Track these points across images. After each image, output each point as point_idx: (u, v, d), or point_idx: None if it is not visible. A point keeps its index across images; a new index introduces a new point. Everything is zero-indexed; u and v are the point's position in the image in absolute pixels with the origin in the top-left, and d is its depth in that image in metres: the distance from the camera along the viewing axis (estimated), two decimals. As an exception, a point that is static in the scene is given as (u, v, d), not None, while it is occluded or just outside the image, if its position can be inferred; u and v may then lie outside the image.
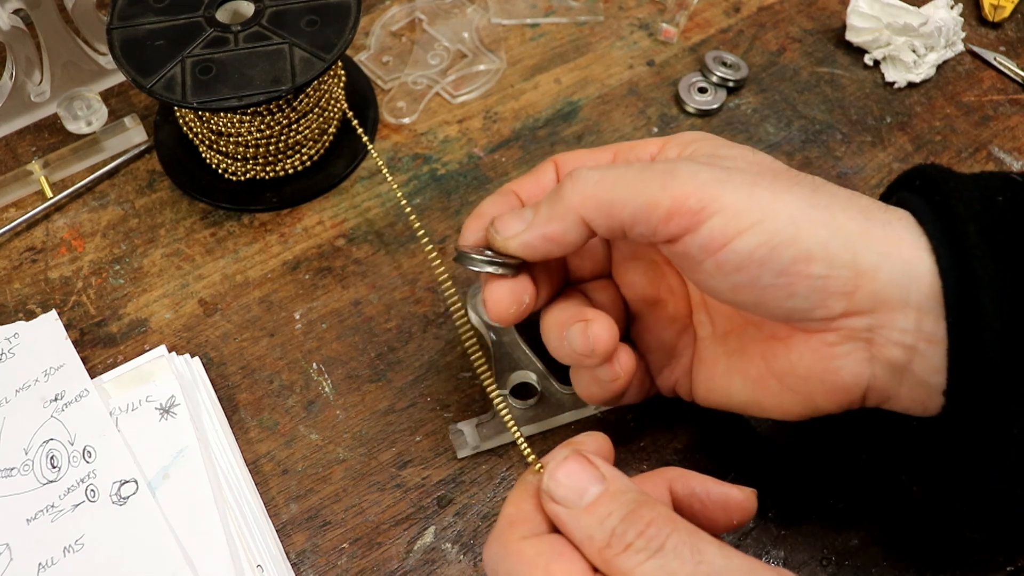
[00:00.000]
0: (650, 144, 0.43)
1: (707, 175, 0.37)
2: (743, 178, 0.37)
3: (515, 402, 0.49)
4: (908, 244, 0.37)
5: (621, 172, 0.39)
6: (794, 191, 0.37)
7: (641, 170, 0.38)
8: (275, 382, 0.52)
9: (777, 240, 0.36)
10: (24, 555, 0.45)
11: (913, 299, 0.36)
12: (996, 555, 0.46)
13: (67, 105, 0.60)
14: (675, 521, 0.32)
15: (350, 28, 0.53)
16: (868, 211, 0.37)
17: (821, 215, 0.37)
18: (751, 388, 0.42)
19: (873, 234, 0.37)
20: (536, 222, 0.40)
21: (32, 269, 0.56)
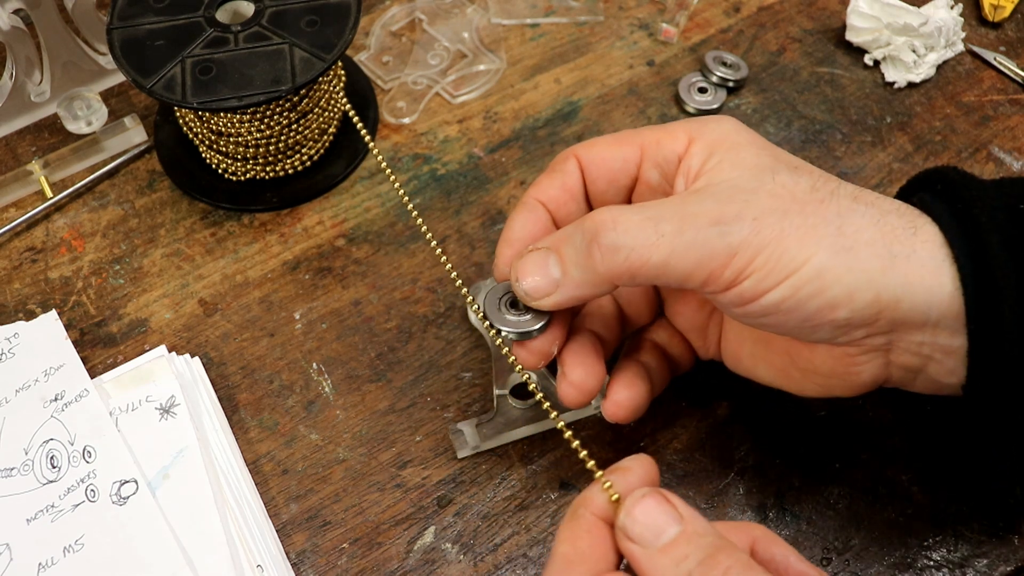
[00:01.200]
0: (677, 141, 0.42)
1: (738, 237, 0.37)
2: (772, 229, 0.38)
3: (515, 402, 0.49)
4: (931, 271, 0.37)
5: (653, 243, 0.38)
6: (819, 232, 0.38)
7: (673, 239, 0.38)
8: (275, 382, 0.52)
9: (803, 293, 0.37)
10: (24, 555, 0.45)
11: (932, 318, 0.37)
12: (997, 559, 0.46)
13: (67, 105, 0.60)
14: (753, 569, 0.32)
15: (350, 28, 0.53)
16: (892, 241, 0.38)
17: (845, 260, 0.37)
18: (774, 373, 0.44)
19: (897, 268, 0.37)
20: (566, 285, 0.40)
21: (32, 269, 0.56)
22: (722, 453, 0.49)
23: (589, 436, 0.50)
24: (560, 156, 0.45)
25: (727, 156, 0.41)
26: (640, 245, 0.38)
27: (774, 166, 0.40)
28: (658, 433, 0.50)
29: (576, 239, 0.40)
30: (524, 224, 0.43)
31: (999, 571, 0.45)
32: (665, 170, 0.42)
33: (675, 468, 0.49)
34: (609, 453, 0.49)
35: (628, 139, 0.44)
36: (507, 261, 0.43)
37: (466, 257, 0.56)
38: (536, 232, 0.43)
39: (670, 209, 0.39)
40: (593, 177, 0.44)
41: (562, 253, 0.40)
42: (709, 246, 0.38)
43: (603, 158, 0.44)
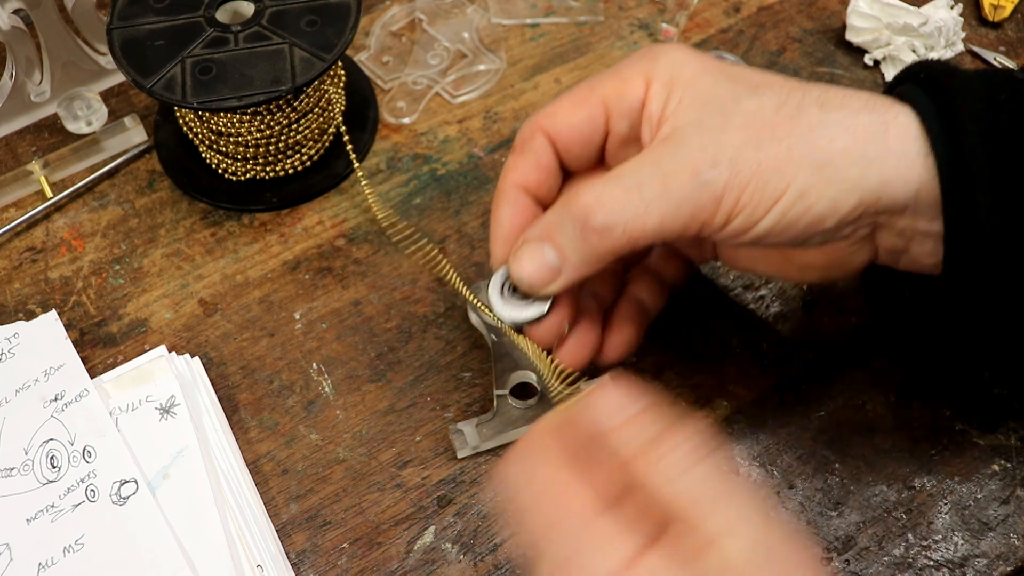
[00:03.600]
0: (636, 87, 0.42)
1: (720, 183, 0.39)
2: (749, 164, 0.38)
3: (515, 402, 0.49)
4: (906, 166, 0.39)
5: (643, 212, 0.39)
6: (795, 155, 0.39)
7: (661, 203, 0.39)
8: (275, 382, 0.52)
9: (791, 216, 0.39)
10: (24, 555, 0.45)
11: (911, 206, 0.40)
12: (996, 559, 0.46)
13: (67, 105, 0.60)
14: (711, 446, 0.33)
15: (350, 28, 0.53)
16: (866, 143, 0.39)
17: (825, 175, 0.39)
18: (773, 270, 0.47)
19: (873, 169, 0.39)
20: (567, 271, 0.41)
21: (32, 269, 0.56)
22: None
23: (589, 436, 0.50)
24: (525, 132, 0.44)
25: (686, 93, 0.41)
26: (631, 218, 0.39)
27: (734, 92, 0.40)
28: (658, 433, 0.50)
29: (567, 227, 0.40)
30: (511, 215, 0.44)
31: (999, 571, 0.45)
32: (631, 119, 0.43)
33: (675, 468, 0.49)
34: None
35: (588, 97, 0.43)
36: (502, 257, 0.44)
37: (466, 257, 0.56)
38: (524, 220, 0.44)
39: (648, 170, 0.39)
40: (564, 147, 0.44)
41: (556, 241, 0.41)
42: (695, 199, 0.39)
43: (570, 126, 0.43)
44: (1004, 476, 0.48)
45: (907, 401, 0.50)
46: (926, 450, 0.49)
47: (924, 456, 0.49)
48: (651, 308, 0.48)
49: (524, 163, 0.44)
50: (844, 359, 0.52)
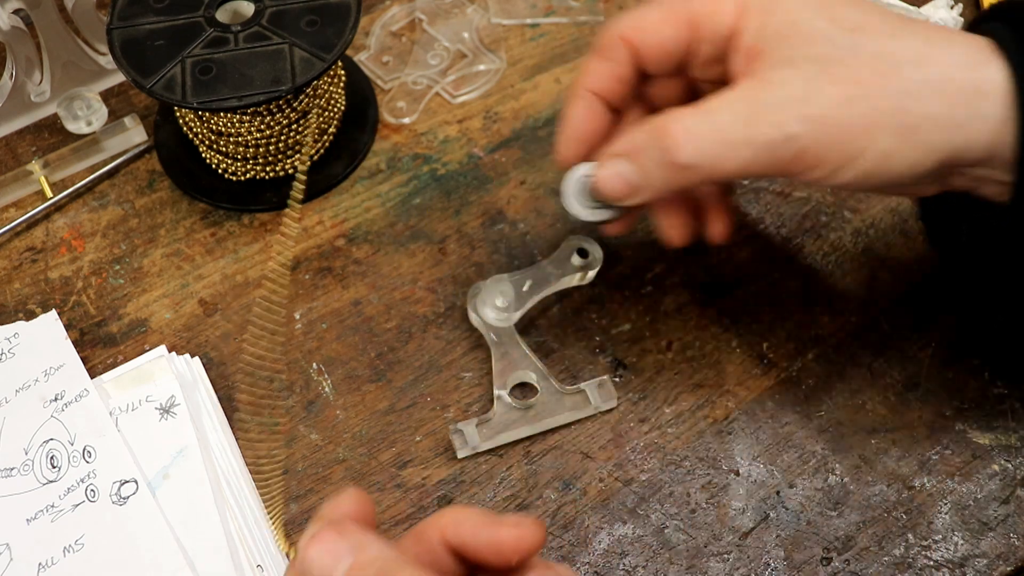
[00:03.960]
0: (726, 13, 0.42)
1: (806, 139, 0.39)
2: (835, 125, 0.39)
3: (515, 402, 0.49)
4: (992, 128, 0.39)
5: (726, 157, 0.40)
6: (884, 119, 0.39)
7: (744, 152, 0.40)
8: (274, 382, 0.52)
9: (871, 174, 0.40)
10: (24, 555, 0.45)
11: (987, 161, 0.40)
12: (997, 559, 0.46)
13: (67, 105, 0.60)
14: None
15: (350, 28, 0.53)
16: (955, 108, 0.39)
17: (910, 139, 0.39)
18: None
19: (960, 132, 0.39)
20: (647, 190, 0.43)
21: (32, 269, 0.56)
22: (723, 452, 0.49)
23: (588, 436, 0.50)
24: (607, 37, 0.44)
25: (782, 26, 0.41)
26: (714, 160, 0.40)
27: (832, 34, 0.40)
28: (655, 432, 0.50)
29: (653, 153, 0.41)
30: (583, 119, 0.45)
31: (999, 571, 0.45)
32: (719, 43, 0.42)
33: (679, 465, 0.49)
34: (607, 453, 0.49)
35: (677, 13, 0.43)
36: (566, 155, 0.46)
37: (466, 257, 0.56)
38: (594, 125, 0.45)
39: (735, 112, 0.40)
40: (645, 57, 0.44)
41: (641, 163, 0.42)
42: (778, 150, 0.40)
43: (655, 39, 0.43)
44: (1004, 476, 0.48)
45: (907, 401, 0.50)
46: (926, 450, 0.49)
47: (924, 456, 0.49)
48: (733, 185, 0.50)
49: (603, 70, 0.44)
50: (844, 359, 0.52)
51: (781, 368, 0.51)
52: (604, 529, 0.47)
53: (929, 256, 0.55)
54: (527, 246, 0.56)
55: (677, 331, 0.53)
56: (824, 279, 0.54)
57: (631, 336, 0.53)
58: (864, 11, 0.41)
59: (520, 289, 0.52)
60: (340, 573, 0.32)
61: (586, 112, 0.45)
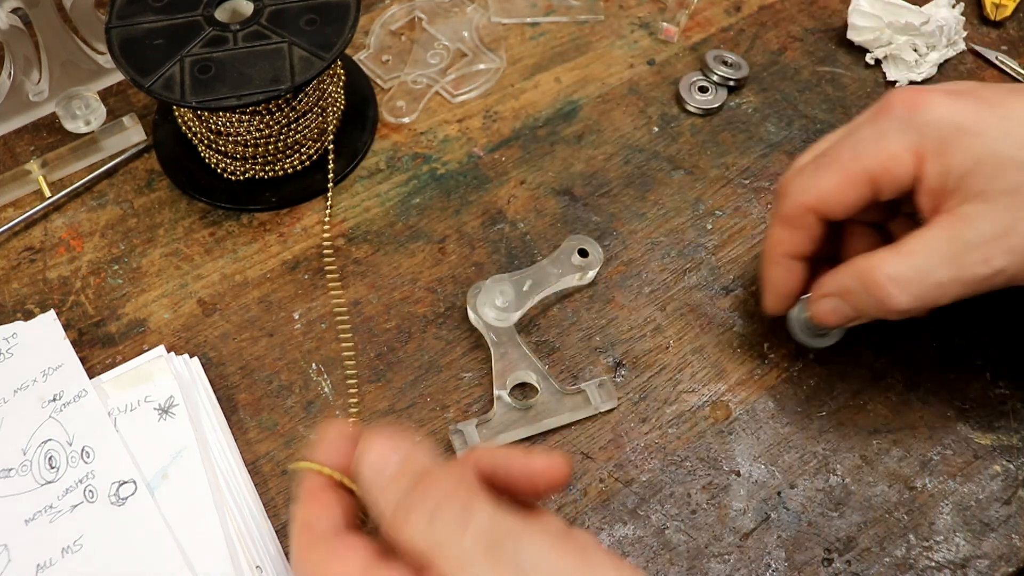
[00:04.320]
0: (904, 165, 0.43)
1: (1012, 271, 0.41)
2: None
3: (515, 402, 0.49)
4: None
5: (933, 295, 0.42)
6: None
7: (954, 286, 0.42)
8: (274, 382, 0.51)
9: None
10: (22, 556, 0.45)
11: None
12: (998, 560, 0.45)
13: (65, 104, 0.60)
14: (454, 487, 0.33)
15: (349, 27, 0.53)
16: None
17: None
18: None
19: None
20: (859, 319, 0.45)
21: (30, 269, 0.56)
22: (724, 453, 0.49)
23: (588, 437, 0.49)
24: (793, 208, 0.46)
25: (965, 161, 0.41)
26: (926, 302, 0.42)
27: (1013, 153, 0.40)
28: (656, 432, 0.49)
29: (862, 295, 0.43)
30: (784, 281, 0.48)
31: (1000, 571, 0.45)
32: (902, 191, 0.43)
33: (680, 465, 0.48)
34: (608, 453, 0.49)
35: (854, 175, 0.44)
36: (776, 308, 0.49)
37: (466, 257, 0.56)
38: (796, 281, 0.48)
39: (941, 258, 0.41)
40: (832, 215, 0.45)
41: (852, 302, 0.44)
42: (988, 284, 0.41)
43: (839, 206, 0.45)
44: (1006, 477, 0.48)
45: (908, 401, 0.50)
46: (927, 450, 0.49)
47: (925, 456, 0.48)
48: None
49: (796, 238, 0.47)
50: (845, 359, 0.51)
51: (782, 368, 0.51)
52: (604, 530, 0.47)
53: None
54: (527, 246, 0.56)
55: (678, 331, 0.53)
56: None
57: (631, 336, 0.53)
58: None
59: (520, 289, 0.52)
60: (388, 475, 0.34)
61: (786, 274, 0.48)
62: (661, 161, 0.60)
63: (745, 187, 0.58)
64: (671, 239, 0.56)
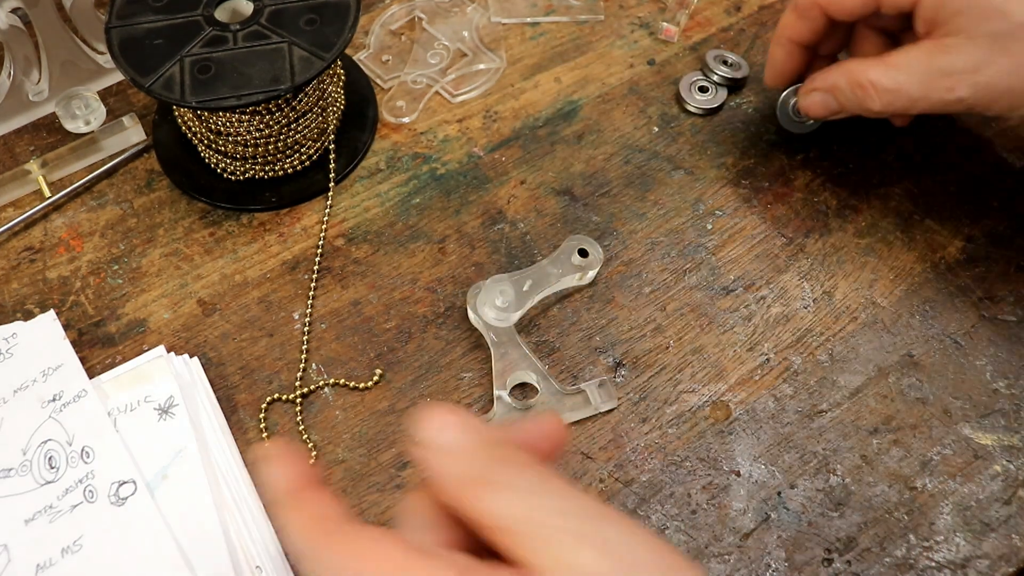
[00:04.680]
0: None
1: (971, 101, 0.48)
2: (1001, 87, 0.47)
3: (515, 402, 0.49)
4: None
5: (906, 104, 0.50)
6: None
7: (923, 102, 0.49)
8: (274, 382, 0.51)
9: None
10: (22, 556, 0.45)
11: None
12: (998, 560, 0.45)
13: (65, 104, 0.60)
14: (530, 462, 0.32)
15: (349, 27, 0.53)
16: None
17: None
18: None
19: None
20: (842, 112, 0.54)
21: (30, 269, 0.56)
22: (724, 453, 0.49)
23: (588, 437, 0.49)
24: (805, 3, 0.54)
25: (959, 4, 0.48)
26: (896, 108, 0.50)
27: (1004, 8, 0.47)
28: (656, 432, 0.49)
29: (848, 94, 0.51)
30: (784, 61, 0.56)
31: (1001, 572, 0.45)
32: (901, 10, 0.50)
33: (680, 466, 0.48)
34: (608, 453, 0.49)
35: None
36: (773, 85, 0.58)
37: (466, 257, 0.56)
38: (795, 64, 0.56)
39: (917, 77, 0.48)
40: (836, 15, 0.53)
41: (839, 98, 0.52)
42: (950, 108, 0.48)
43: (843, 9, 0.53)
44: (1006, 477, 0.48)
45: (908, 401, 0.50)
46: (928, 450, 0.49)
47: (926, 456, 0.48)
48: None
49: (800, 25, 0.55)
50: (846, 358, 0.51)
51: (782, 368, 0.51)
52: (604, 530, 0.47)
53: (931, 256, 0.55)
54: (527, 246, 0.56)
55: (678, 331, 0.53)
56: (826, 279, 0.54)
57: (631, 336, 0.53)
58: None
59: (520, 289, 0.52)
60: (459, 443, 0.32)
61: (787, 56, 0.56)
62: (661, 161, 0.60)
63: (745, 187, 0.58)
64: (671, 239, 0.56)
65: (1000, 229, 0.56)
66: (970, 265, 0.55)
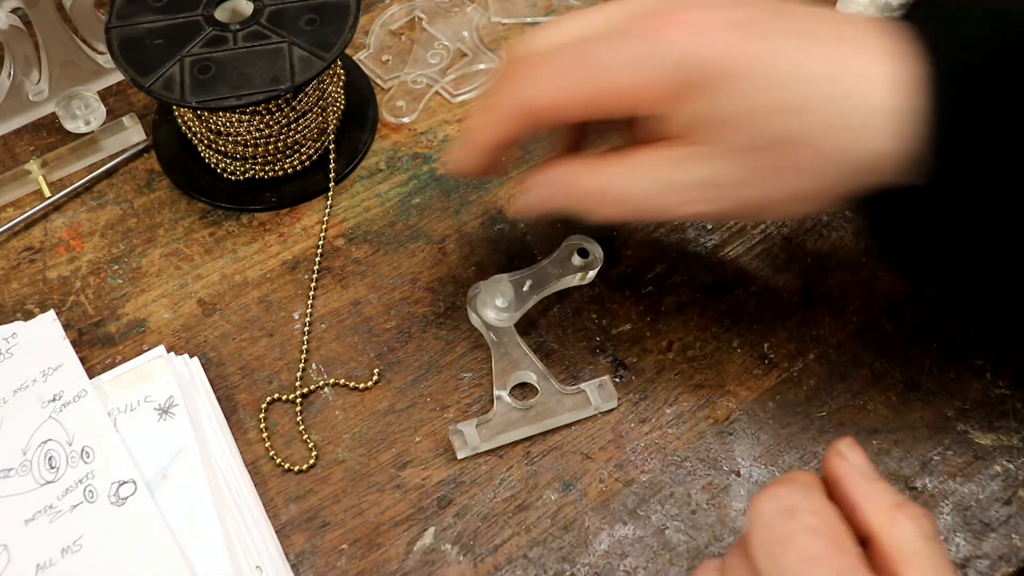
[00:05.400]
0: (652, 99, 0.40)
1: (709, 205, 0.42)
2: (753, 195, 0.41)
3: (515, 402, 0.49)
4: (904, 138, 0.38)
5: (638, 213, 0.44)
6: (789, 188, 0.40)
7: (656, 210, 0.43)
8: (274, 382, 0.51)
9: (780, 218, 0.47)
10: (22, 556, 0.45)
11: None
12: (998, 560, 0.45)
13: (65, 104, 0.60)
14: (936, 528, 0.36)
15: (349, 27, 0.53)
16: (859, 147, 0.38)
17: (813, 202, 0.42)
18: None
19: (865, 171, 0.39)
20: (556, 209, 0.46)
21: (30, 269, 0.56)
22: (724, 453, 0.49)
23: (588, 437, 0.49)
24: (510, 106, 0.42)
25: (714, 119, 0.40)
26: (618, 216, 0.44)
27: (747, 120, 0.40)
28: (656, 432, 0.49)
29: (561, 200, 0.45)
30: (476, 166, 0.46)
31: (1001, 572, 0.45)
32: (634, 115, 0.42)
33: (680, 466, 0.48)
34: (608, 453, 0.49)
35: (594, 96, 0.40)
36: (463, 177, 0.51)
37: (466, 257, 0.56)
38: (486, 168, 0.46)
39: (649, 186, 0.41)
40: (549, 127, 0.44)
41: (551, 204, 0.45)
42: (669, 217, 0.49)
43: (562, 119, 0.43)
44: (1006, 477, 0.48)
45: (909, 401, 0.50)
46: (928, 451, 0.49)
47: (926, 457, 0.48)
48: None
49: (507, 137, 0.44)
50: (846, 359, 0.51)
51: (782, 368, 0.51)
52: (604, 530, 0.47)
53: (930, 256, 0.55)
54: (527, 246, 0.56)
55: (678, 331, 0.53)
56: (825, 279, 0.54)
57: (631, 336, 0.53)
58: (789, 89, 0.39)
59: (520, 289, 0.52)
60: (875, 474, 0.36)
61: (491, 164, 0.46)
62: (661, 161, 0.59)
63: (745, 187, 0.58)
64: (671, 239, 0.56)
65: (1000, 229, 0.56)
66: (970, 265, 0.55)
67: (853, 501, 0.35)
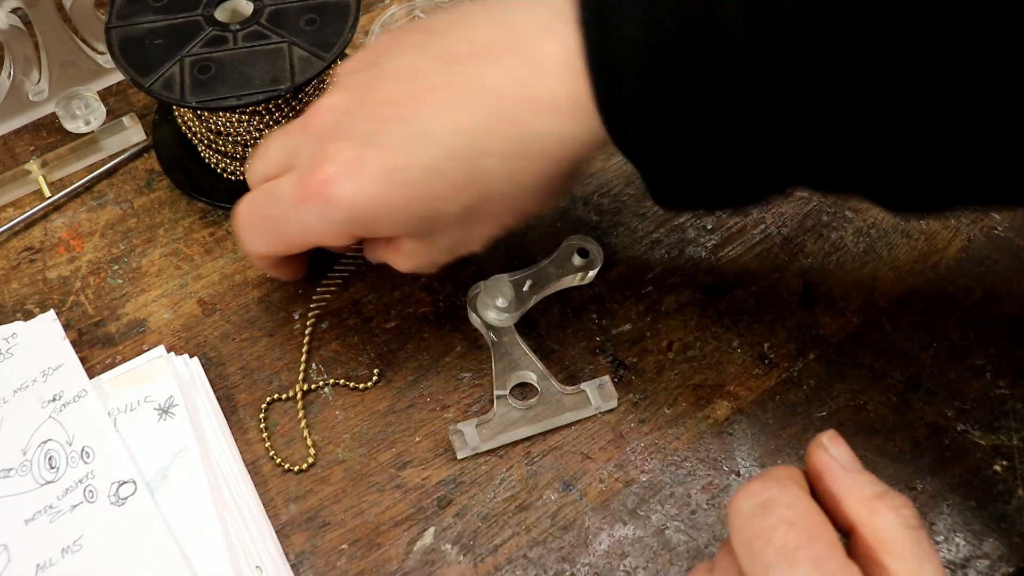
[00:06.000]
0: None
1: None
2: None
3: (515, 402, 0.49)
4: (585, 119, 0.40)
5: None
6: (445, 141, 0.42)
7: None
8: (274, 382, 0.51)
9: None
10: (22, 556, 0.45)
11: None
12: (998, 560, 0.45)
13: (65, 104, 0.60)
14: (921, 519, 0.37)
15: (349, 27, 0.53)
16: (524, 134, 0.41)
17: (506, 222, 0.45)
18: None
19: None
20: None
21: (30, 269, 0.56)
22: (724, 453, 0.49)
23: (588, 437, 0.49)
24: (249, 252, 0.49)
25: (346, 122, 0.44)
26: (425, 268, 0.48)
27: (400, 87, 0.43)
28: (656, 433, 0.49)
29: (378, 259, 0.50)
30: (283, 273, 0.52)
31: (1000, 572, 0.45)
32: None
33: (680, 466, 0.48)
34: (608, 453, 0.49)
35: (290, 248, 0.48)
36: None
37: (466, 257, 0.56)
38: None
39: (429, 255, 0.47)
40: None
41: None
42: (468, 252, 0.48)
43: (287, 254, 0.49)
44: (1006, 477, 0.48)
45: (908, 402, 0.50)
46: (927, 451, 0.49)
47: (925, 457, 0.48)
48: None
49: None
50: (846, 359, 0.51)
51: (782, 368, 0.51)
52: (604, 530, 0.47)
53: (931, 256, 0.55)
54: (527, 246, 0.56)
55: (678, 331, 0.53)
56: (825, 279, 0.54)
57: (631, 336, 0.53)
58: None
59: (520, 289, 0.52)
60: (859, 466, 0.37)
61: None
62: (661, 161, 0.59)
63: (745, 187, 0.58)
64: (671, 239, 0.56)
65: (1000, 229, 0.56)
66: (970, 265, 0.55)
67: (835, 493, 0.36)
